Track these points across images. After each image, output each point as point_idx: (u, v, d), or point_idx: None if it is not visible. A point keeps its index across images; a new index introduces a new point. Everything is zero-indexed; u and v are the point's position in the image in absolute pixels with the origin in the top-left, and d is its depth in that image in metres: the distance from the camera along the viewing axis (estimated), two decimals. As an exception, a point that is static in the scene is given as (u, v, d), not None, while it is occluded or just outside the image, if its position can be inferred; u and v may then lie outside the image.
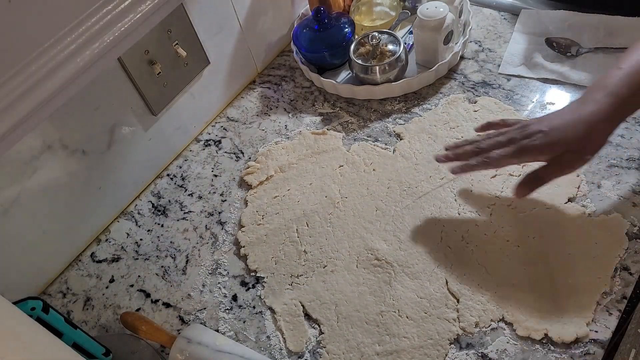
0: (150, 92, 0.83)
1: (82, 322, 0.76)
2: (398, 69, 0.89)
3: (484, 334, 0.64)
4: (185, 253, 0.81)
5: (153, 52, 0.81)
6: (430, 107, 0.89)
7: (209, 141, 0.96)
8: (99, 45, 0.53)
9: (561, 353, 0.60)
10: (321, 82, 0.95)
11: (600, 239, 0.67)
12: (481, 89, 0.89)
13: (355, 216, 0.77)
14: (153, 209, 0.88)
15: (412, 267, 0.70)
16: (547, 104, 0.84)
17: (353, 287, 0.70)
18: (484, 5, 1.02)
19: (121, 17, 0.54)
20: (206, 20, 0.88)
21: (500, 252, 0.69)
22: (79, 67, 0.52)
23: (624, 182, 0.72)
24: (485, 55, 0.94)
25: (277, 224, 0.79)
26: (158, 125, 0.88)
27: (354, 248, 0.74)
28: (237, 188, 0.87)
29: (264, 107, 0.98)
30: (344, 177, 0.83)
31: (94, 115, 0.77)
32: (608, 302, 0.63)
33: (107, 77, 0.77)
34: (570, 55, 0.89)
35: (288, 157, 0.87)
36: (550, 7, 0.98)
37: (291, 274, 0.74)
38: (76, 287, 0.81)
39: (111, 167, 0.83)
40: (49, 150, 0.73)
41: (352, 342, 0.66)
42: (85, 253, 0.84)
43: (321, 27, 0.95)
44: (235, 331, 0.71)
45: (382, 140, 0.87)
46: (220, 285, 0.76)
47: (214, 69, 0.94)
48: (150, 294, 0.77)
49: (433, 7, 0.86)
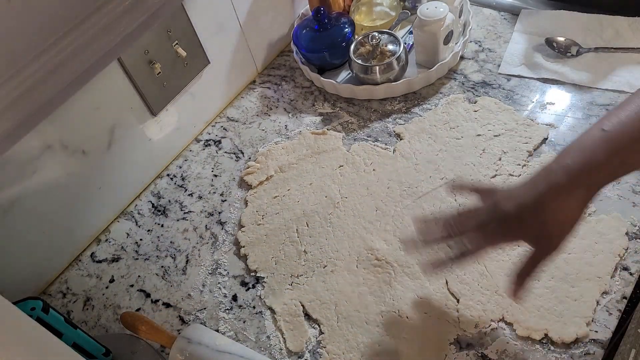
0: (150, 92, 0.83)
1: (82, 322, 0.76)
2: (398, 69, 0.89)
3: (484, 334, 0.64)
4: (185, 253, 0.81)
5: (153, 52, 0.80)
6: (430, 107, 0.89)
7: (209, 141, 0.96)
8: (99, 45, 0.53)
9: (561, 353, 0.60)
10: (321, 82, 0.95)
11: (600, 239, 0.67)
12: (481, 89, 0.89)
13: (355, 216, 0.77)
14: (153, 209, 0.88)
15: (412, 267, 0.70)
16: (547, 104, 0.84)
17: (353, 287, 0.70)
18: (484, 5, 1.02)
19: (121, 17, 0.54)
20: (206, 20, 0.88)
21: (500, 252, 0.69)
22: (79, 67, 0.52)
23: (624, 182, 0.72)
24: (485, 55, 0.94)
25: (277, 224, 0.79)
26: (158, 125, 0.88)
27: (354, 248, 0.74)
28: (237, 188, 0.87)
29: (264, 107, 0.98)
30: (344, 177, 0.83)
31: (94, 115, 0.77)
32: (608, 302, 0.63)
33: (107, 77, 0.77)
34: (570, 55, 0.89)
35: (288, 157, 0.87)
36: (550, 7, 0.98)
37: (291, 274, 0.74)
38: (76, 287, 0.81)
39: (111, 167, 0.83)
40: (49, 150, 0.73)
41: (352, 342, 0.66)
42: (85, 253, 0.84)
43: (321, 27, 0.95)
44: (235, 331, 0.71)
45: (382, 140, 0.87)
46: (220, 285, 0.76)
47: (214, 69, 0.94)
48: (150, 294, 0.77)
49: (433, 7, 0.86)
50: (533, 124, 0.81)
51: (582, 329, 0.60)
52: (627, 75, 0.83)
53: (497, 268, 0.68)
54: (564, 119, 0.81)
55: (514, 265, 0.55)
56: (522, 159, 0.77)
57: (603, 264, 0.65)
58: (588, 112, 0.81)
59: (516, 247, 0.69)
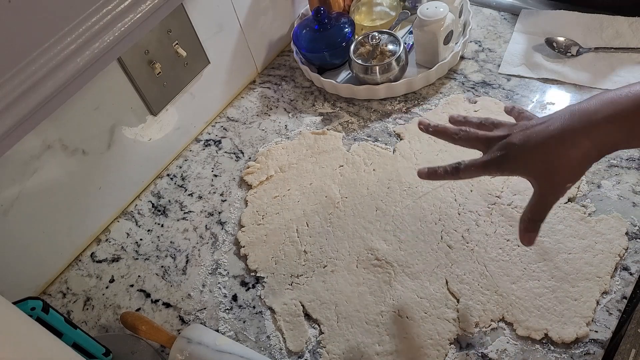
0: (150, 92, 0.83)
1: (82, 322, 0.76)
2: (398, 69, 0.89)
3: (484, 334, 0.64)
4: (185, 253, 0.81)
5: (153, 52, 0.81)
6: (430, 107, 0.89)
7: (209, 141, 0.96)
8: (99, 45, 0.53)
9: (561, 353, 0.60)
10: (321, 82, 0.95)
11: (600, 239, 0.67)
12: (481, 89, 0.89)
13: (355, 216, 0.77)
14: (153, 209, 0.88)
15: (412, 267, 0.70)
16: (547, 104, 0.84)
17: (353, 287, 0.70)
18: (484, 5, 1.02)
19: (121, 17, 0.55)
20: (206, 20, 0.88)
21: (500, 252, 0.69)
22: (79, 67, 0.52)
23: (624, 182, 0.72)
24: (485, 55, 0.94)
25: (277, 224, 0.79)
26: (158, 125, 0.88)
27: (354, 248, 0.74)
28: (237, 188, 0.87)
29: (264, 107, 0.98)
30: (344, 177, 0.83)
31: (94, 115, 0.77)
32: (608, 302, 0.63)
33: (107, 77, 0.77)
34: (570, 55, 0.89)
35: (288, 157, 0.87)
36: (550, 7, 0.98)
37: (291, 274, 0.74)
38: (76, 287, 0.81)
39: (111, 167, 0.83)
40: (49, 150, 0.73)
41: (352, 342, 0.66)
42: (85, 253, 0.84)
43: (321, 27, 0.95)
44: (235, 331, 0.71)
45: (382, 140, 0.87)
46: (220, 285, 0.76)
47: (214, 69, 0.94)
48: (150, 294, 0.77)
49: (433, 7, 0.86)
50: (533, 124, 0.81)
51: (582, 329, 0.61)
52: (627, 75, 0.83)
53: (497, 268, 0.68)
54: (564, 119, 0.81)
55: (522, 213, 0.56)
56: (522, 159, 0.77)
57: (603, 264, 0.65)
58: (588, 112, 0.81)
59: (516, 247, 0.69)
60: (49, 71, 0.50)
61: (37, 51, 0.49)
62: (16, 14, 0.46)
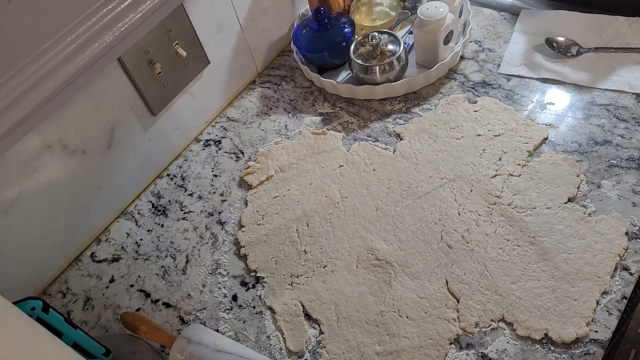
0: (150, 92, 0.83)
1: (82, 322, 0.76)
2: (398, 69, 0.89)
3: (484, 334, 0.64)
4: (185, 253, 0.81)
5: (153, 52, 0.81)
6: (430, 107, 0.89)
7: (209, 141, 0.96)
8: (99, 45, 0.53)
9: (561, 353, 0.60)
10: (321, 82, 0.95)
11: (600, 239, 0.67)
12: (481, 89, 0.89)
13: (355, 216, 0.77)
14: (153, 209, 0.88)
15: (412, 267, 0.70)
16: (547, 104, 0.84)
17: (353, 287, 0.70)
18: (484, 5, 1.02)
19: (121, 17, 0.55)
20: (206, 20, 0.88)
21: (500, 252, 0.69)
22: (79, 67, 0.52)
23: (624, 182, 0.72)
24: (485, 55, 0.94)
25: (277, 224, 0.79)
26: (158, 125, 0.88)
27: (354, 248, 0.74)
28: (237, 188, 0.87)
29: (264, 107, 0.98)
30: (344, 177, 0.83)
31: (94, 115, 0.77)
32: (608, 302, 0.63)
33: (107, 77, 0.77)
34: (570, 55, 0.89)
35: (288, 157, 0.87)
36: (550, 7, 0.98)
37: (291, 274, 0.74)
38: (76, 287, 0.81)
39: (111, 167, 0.83)
40: (49, 150, 0.73)
41: (352, 342, 0.66)
42: (85, 253, 0.84)
43: (321, 27, 0.95)
44: (235, 331, 0.71)
45: (382, 140, 0.87)
46: (220, 285, 0.76)
47: (214, 69, 0.94)
48: (150, 294, 0.77)
49: (433, 7, 0.86)
50: (533, 124, 0.81)
51: (582, 329, 0.61)
52: (627, 75, 0.83)
53: (497, 268, 0.68)
54: (564, 119, 0.81)
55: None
56: (522, 158, 0.77)
57: (603, 264, 0.65)
58: (588, 112, 0.81)
59: (516, 247, 0.69)
60: (49, 71, 0.50)
61: (37, 51, 0.49)
62: (16, 14, 0.46)
